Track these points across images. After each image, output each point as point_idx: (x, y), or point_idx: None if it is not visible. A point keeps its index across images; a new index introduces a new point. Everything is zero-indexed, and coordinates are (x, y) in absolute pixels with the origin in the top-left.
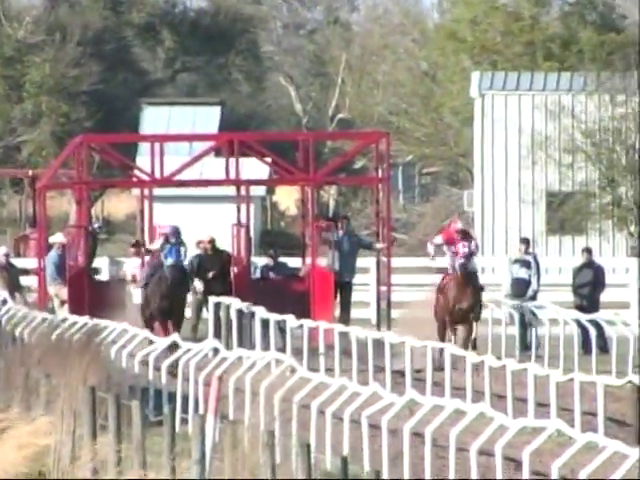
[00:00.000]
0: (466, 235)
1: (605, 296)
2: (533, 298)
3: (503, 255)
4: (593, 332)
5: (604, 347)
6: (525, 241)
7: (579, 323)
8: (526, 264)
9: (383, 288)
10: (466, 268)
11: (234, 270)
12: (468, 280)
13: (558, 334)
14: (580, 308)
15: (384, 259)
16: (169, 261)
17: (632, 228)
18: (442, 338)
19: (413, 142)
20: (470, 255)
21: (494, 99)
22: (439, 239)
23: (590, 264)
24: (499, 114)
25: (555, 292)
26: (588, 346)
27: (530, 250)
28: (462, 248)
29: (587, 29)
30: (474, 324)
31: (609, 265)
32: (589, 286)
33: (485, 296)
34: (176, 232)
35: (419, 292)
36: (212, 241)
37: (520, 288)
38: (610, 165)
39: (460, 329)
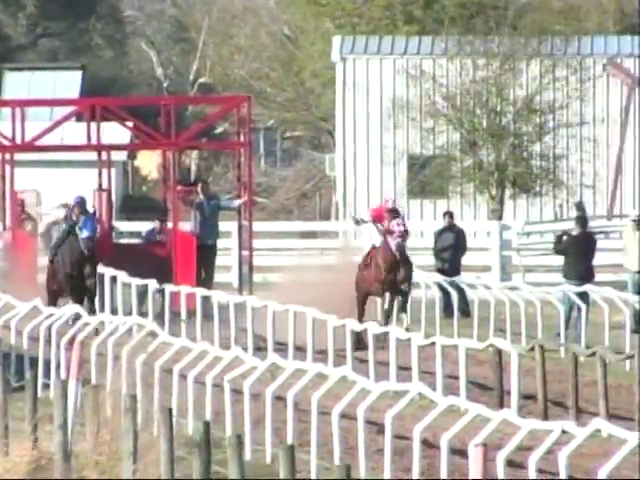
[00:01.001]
0: (396, 214)
1: (466, 259)
2: None
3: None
4: (455, 295)
5: (466, 310)
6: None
7: (441, 286)
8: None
9: (245, 252)
10: (402, 248)
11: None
12: (404, 259)
13: (420, 297)
14: (442, 271)
15: (246, 223)
16: (84, 234)
17: (493, 191)
18: (362, 311)
19: (275, 106)
20: (406, 234)
21: (355, 63)
22: (366, 215)
23: (451, 227)
24: (360, 78)
25: (417, 256)
26: (450, 309)
27: None
28: (397, 227)
29: None
30: (407, 296)
31: (470, 228)
32: (451, 249)
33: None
34: (84, 203)
35: (280, 257)
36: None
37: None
38: (471, 129)
39: (390, 296)
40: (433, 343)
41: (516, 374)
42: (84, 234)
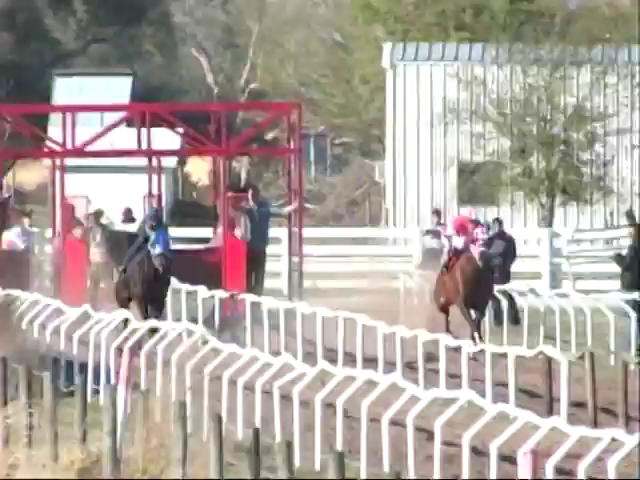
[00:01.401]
0: (479, 223)
1: (516, 267)
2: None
3: (415, 226)
4: (505, 303)
5: (515, 318)
6: (437, 212)
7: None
8: (438, 235)
9: (295, 259)
10: (487, 256)
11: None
12: (487, 269)
13: None
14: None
15: (295, 230)
16: (157, 250)
17: (543, 199)
18: (447, 318)
19: (325, 113)
20: (491, 241)
21: (406, 69)
22: (450, 230)
23: (501, 235)
24: (411, 84)
25: None
26: (500, 317)
27: (442, 221)
28: (481, 234)
29: None
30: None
31: (520, 236)
32: (500, 257)
33: (397, 267)
34: (157, 216)
35: (330, 263)
36: (128, 211)
37: (432, 259)
38: (521, 136)
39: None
40: (483, 350)
41: (565, 381)
42: (157, 250)
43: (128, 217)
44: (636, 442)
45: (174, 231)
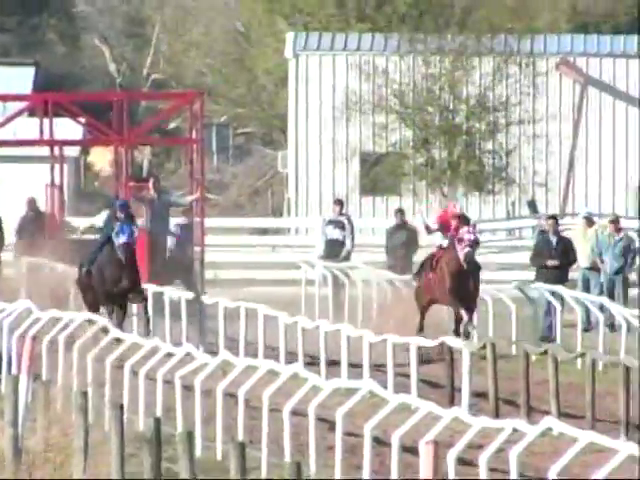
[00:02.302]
0: (465, 221)
1: (418, 257)
2: (347, 259)
3: (317, 216)
4: (406, 293)
5: None
6: (339, 202)
7: (392, 284)
8: (340, 225)
9: (197, 248)
10: (471, 259)
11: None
12: (472, 270)
13: (371, 295)
14: (393, 269)
15: (197, 219)
16: (121, 239)
17: (445, 189)
18: (422, 320)
19: (227, 103)
20: (476, 244)
21: (308, 59)
22: (434, 224)
23: (403, 225)
24: (313, 74)
25: (369, 253)
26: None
27: (344, 211)
28: (467, 234)
29: None
30: (468, 316)
31: (422, 226)
32: (402, 247)
33: (298, 256)
34: (126, 206)
35: (231, 253)
36: (32, 202)
37: (334, 249)
38: (423, 126)
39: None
40: (384, 340)
41: (467, 372)
42: (121, 239)
43: (32, 207)
44: (537, 432)
45: (76, 221)
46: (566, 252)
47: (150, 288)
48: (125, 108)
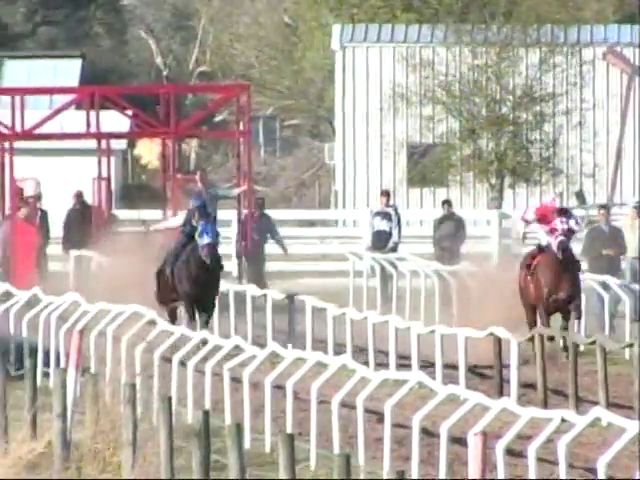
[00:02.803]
0: (565, 214)
1: (466, 248)
2: (394, 250)
3: (364, 207)
4: (453, 283)
5: (466, 298)
6: (386, 193)
7: (440, 274)
8: (387, 216)
9: (244, 241)
10: (565, 248)
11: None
12: (567, 264)
13: (419, 286)
14: (441, 259)
15: (245, 211)
16: (205, 240)
17: (492, 180)
18: (533, 322)
19: (274, 95)
20: (571, 232)
21: (355, 51)
22: (531, 214)
23: (451, 216)
24: (360, 66)
25: (416, 244)
26: (448, 297)
27: (391, 202)
28: (560, 224)
29: None
30: (572, 315)
31: (470, 217)
32: (450, 238)
33: (346, 248)
34: (204, 206)
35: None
36: (79, 195)
37: (381, 240)
38: (470, 117)
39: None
40: (433, 331)
41: (515, 363)
42: (205, 240)
43: (79, 200)
44: (586, 423)
45: (123, 214)
46: (617, 241)
47: None
48: (172, 101)
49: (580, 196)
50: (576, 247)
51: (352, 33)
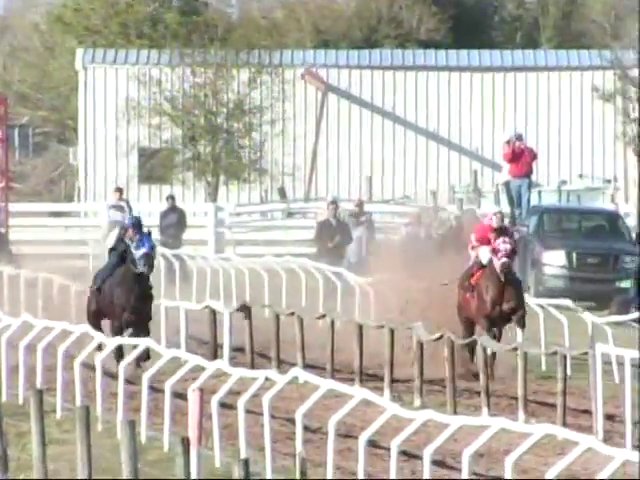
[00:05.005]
0: (504, 232)
1: (187, 235)
2: None
3: (102, 201)
4: (177, 265)
5: (185, 277)
6: (119, 189)
7: (165, 257)
8: (120, 209)
9: (2, 229)
10: (509, 270)
11: None
12: (511, 281)
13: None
14: (166, 245)
15: (2, 204)
16: (141, 251)
17: (209, 179)
18: (469, 335)
19: (30, 106)
20: (514, 253)
21: (95, 71)
22: (473, 240)
23: (174, 208)
24: (99, 83)
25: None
26: (172, 276)
27: (124, 197)
28: (502, 244)
29: (172, 11)
30: (520, 330)
31: (190, 209)
32: (174, 227)
33: (87, 235)
34: (139, 224)
35: (32, 232)
36: None
37: (114, 229)
38: (191, 126)
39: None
40: (159, 304)
41: (228, 330)
42: (141, 251)
43: None
44: (286, 381)
45: None
46: (344, 233)
47: None
48: None
49: (282, 191)
50: (274, 234)
51: (93, 55)
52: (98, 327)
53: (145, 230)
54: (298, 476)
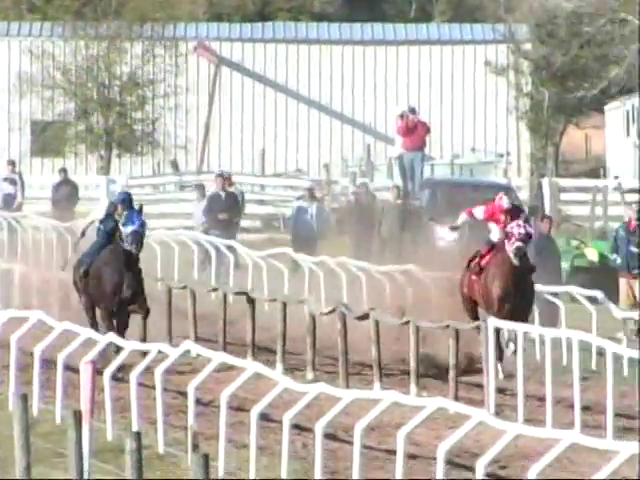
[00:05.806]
0: (517, 214)
1: (79, 207)
2: (19, 209)
3: None
4: (69, 238)
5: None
6: (11, 162)
7: (57, 230)
8: (13, 182)
9: None
10: (522, 255)
11: None
12: (522, 272)
13: (40, 239)
14: (58, 218)
15: None
16: (130, 227)
17: (102, 152)
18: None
19: None
20: (528, 237)
21: None
22: (480, 213)
23: (67, 181)
24: None
25: (37, 205)
26: (66, 250)
27: (17, 170)
28: (517, 228)
29: None
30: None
31: (82, 182)
32: (65, 199)
33: None
34: (129, 200)
35: None
36: None
37: (8, 201)
38: (84, 99)
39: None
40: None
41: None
42: (129, 228)
43: None
44: (179, 353)
45: None
46: (234, 206)
47: None
48: None
49: (174, 164)
50: (167, 207)
51: None
52: (93, 313)
53: (136, 206)
54: (190, 449)
